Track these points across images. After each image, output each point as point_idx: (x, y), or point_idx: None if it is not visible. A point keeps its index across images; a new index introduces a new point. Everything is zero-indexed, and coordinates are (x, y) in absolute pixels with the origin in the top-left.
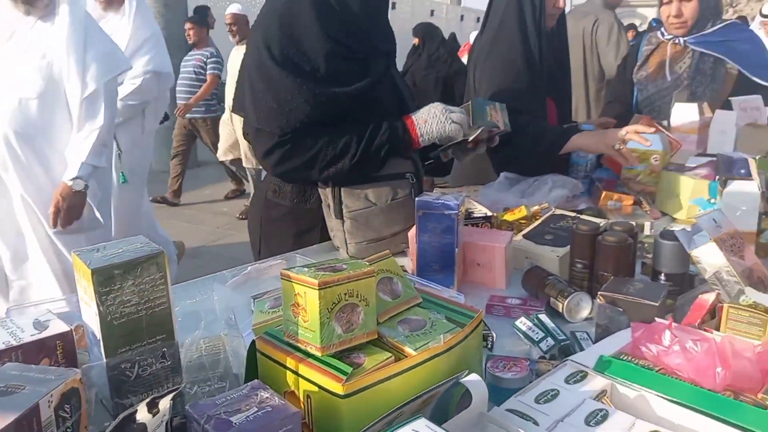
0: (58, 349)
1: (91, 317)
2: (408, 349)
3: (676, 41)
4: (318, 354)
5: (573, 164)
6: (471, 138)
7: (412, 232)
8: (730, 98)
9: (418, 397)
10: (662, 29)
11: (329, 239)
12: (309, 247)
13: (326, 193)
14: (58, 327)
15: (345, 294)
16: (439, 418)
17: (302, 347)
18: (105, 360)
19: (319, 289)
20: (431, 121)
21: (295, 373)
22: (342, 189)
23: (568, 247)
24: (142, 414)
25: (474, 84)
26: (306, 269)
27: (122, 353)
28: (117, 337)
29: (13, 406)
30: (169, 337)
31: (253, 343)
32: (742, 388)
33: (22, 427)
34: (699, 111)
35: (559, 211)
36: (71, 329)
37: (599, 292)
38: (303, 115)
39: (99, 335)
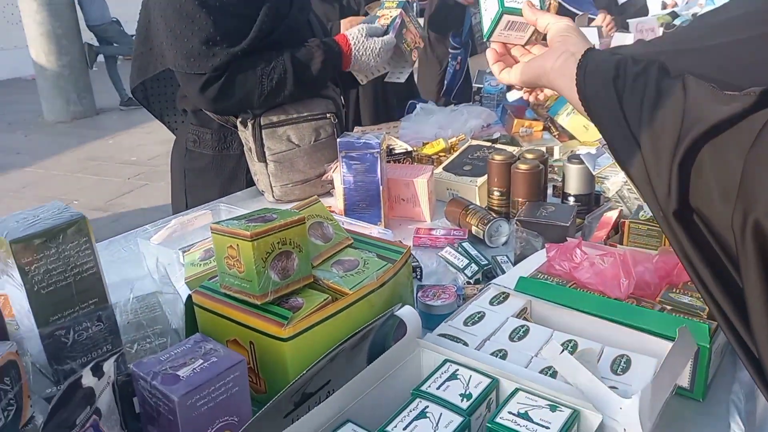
0: None
1: (15, 289)
2: (344, 289)
3: None
4: (257, 302)
5: (485, 93)
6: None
7: (336, 173)
8: (627, 20)
9: (357, 333)
10: None
11: (254, 185)
12: (233, 194)
13: (247, 136)
14: None
15: (278, 243)
16: (378, 349)
17: (240, 297)
18: (38, 329)
19: (251, 241)
20: (367, 54)
21: (236, 322)
22: (263, 131)
23: (486, 176)
24: (88, 378)
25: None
26: (236, 221)
27: (55, 321)
28: (47, 306)
29: None
30: (102, 301)
31: (189, 297)
32: (643, 295)
33: None
34: (599, 34)
35: (475, 142)
36: None
37: (515, 218)
38: (232, 52)
39: (27, 306)
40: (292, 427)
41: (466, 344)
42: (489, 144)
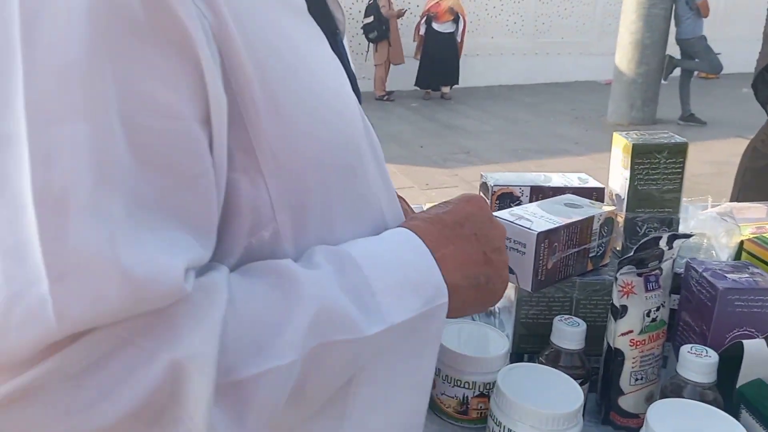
0: (593, 197)
1: (620, 181)
2: None
3: None
4: None
5: None
6: None
7: None
8: None
9: None
10: None
11: None
12: None
13: None
14: (593, 183)
15: None
16: None
17: None
18: (625, 213)
19: None
20: None
21: None
22: None
23: None
24: (663, 243)
25: None
26: None
27: (637, 212)
28: (637, 200)
29: (579, 213)
30: (675, 212)
31: (741, 243)
32: None
33: (583, 227)
34: None
35: None
36: (603, 187)
37: None
38: None
39: (624, 195)
40: None
41: None
42: None
